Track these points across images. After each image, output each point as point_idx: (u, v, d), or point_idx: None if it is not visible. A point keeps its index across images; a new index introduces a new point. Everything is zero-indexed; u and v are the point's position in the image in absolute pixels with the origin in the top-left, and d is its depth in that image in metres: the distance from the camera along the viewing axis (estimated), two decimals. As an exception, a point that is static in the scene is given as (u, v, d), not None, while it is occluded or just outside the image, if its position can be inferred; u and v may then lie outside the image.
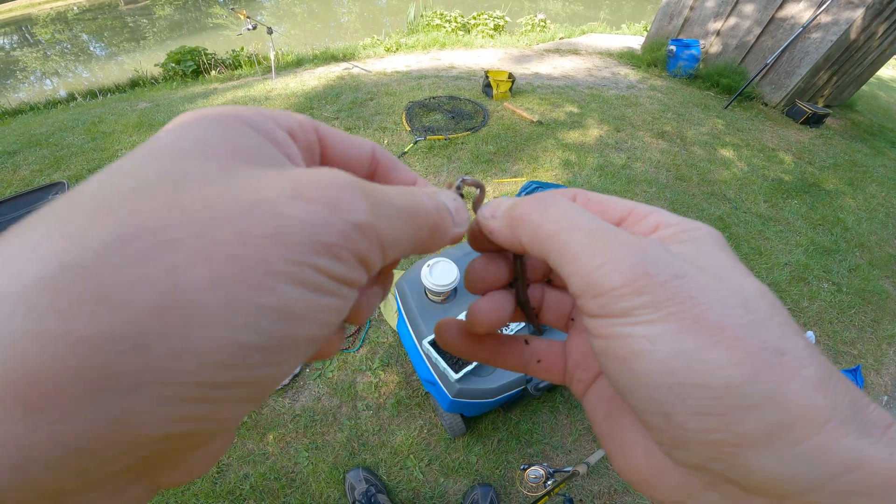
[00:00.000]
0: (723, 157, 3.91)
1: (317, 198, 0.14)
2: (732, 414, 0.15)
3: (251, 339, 0.12)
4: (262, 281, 0.12)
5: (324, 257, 0.14)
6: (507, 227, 0.21)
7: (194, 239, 0.12)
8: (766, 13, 5.00)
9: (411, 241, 0.19)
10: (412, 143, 3.41)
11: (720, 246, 0.19)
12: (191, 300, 0.11)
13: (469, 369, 1.30)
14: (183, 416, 0.11)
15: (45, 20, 13.22)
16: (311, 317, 0.14)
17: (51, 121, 4.01)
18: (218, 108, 0.16)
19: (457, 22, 7.56)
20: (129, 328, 0.10)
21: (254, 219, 0.13)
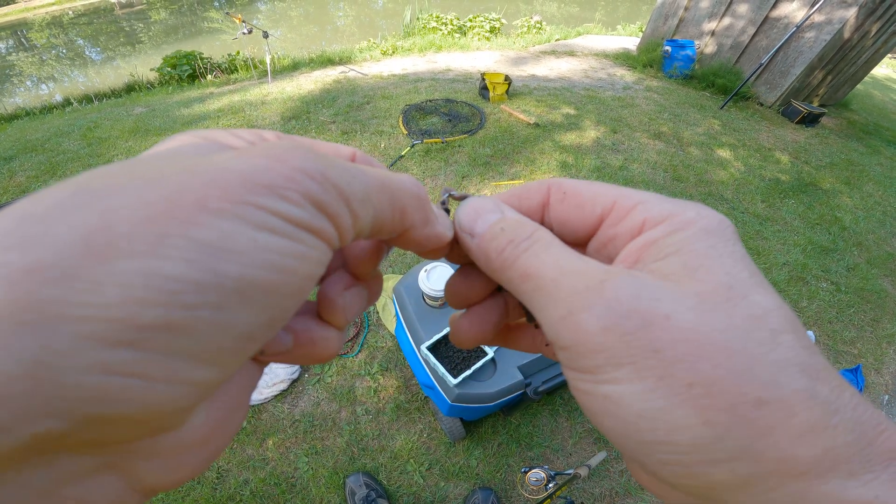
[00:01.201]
0: (719, 158, 3.92)
1: (261, 154, 0.14)
2: (702, 467, 0.15)
3: (180, 271, 0.11)
4: (194, 216, 0.12)
5: (266, 196, 0.13)
6: (483, 260, 0.20)
7: (134, 188, 0.12)
8: (760, 13, 5.02)
9: (390, 205, 0.17)
10: (409, 147, 3.41)
11: (720, 246, 0.17)
12: (120, 232, 0.11)
13: (468, 374, 1.29)
14: (109, 363, 0.10)
15: (40, 24, 13.21)
16: (261, 257, 0.13)
17: (47, 126, 3.99)
18: (191, 131, 0.17)
19: (453, 24, 7.58)
20: (57, 259, 0.10)
21: (193, 171, 0.13)
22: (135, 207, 0.11)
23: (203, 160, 0.14)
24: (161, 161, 0.14)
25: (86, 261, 0.10)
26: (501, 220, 0.20)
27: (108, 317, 0.10)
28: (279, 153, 0.14)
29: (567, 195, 0.21)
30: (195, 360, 0.12)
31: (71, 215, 0.11)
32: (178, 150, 0.16)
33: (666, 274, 0.17)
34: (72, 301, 0.10)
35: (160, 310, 0.11)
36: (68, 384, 0.10)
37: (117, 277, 0.10)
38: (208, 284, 0.12)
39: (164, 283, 0.11)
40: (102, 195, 0.11)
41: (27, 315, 0.10)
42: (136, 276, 0.11)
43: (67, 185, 0.12)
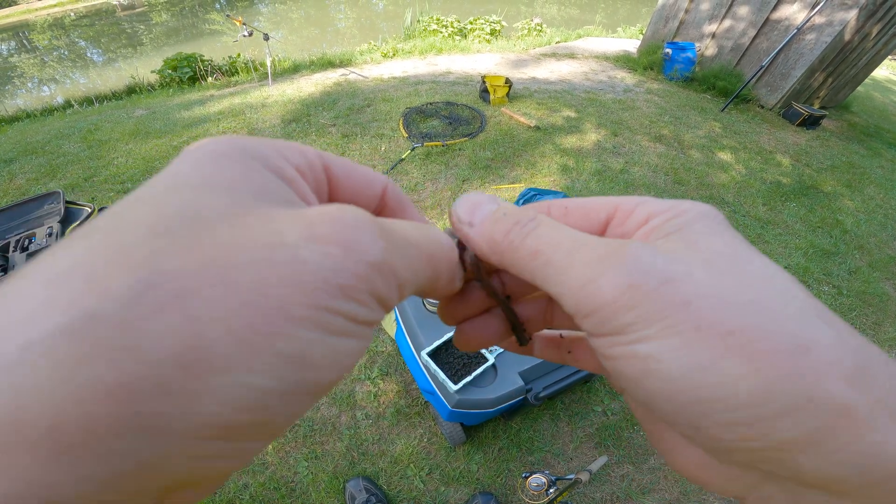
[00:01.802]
0: (720, 161, 3.92)
1: (332, 239, 0.14)
2: (765, 423, 0.14)
3: (269, 385, 0.12)
4: (279, 327, 0.12)
5: (341, 300, 0.14)
6: (487, 244, 0.20)
7: (213, 287, 0.12)
8: (760, 15, 5.02)
9: (429, 278, 0.18)
10: (409, 150, 3.41)
11: (714, 226, 0.18)
12: (210, 347, 0.11)
13: (468, 380, 1.29)
14: (204, 454, 0.12)
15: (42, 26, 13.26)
16: (330, 361, 0.14)
17: (47, 128, 4.00)
18: (229, 139, 0.16)
19: (453, 27, 7.59)
20: (151, 376, 0.10)
21: (271, 265, 0.13)
22: (218, 315, 0.11)
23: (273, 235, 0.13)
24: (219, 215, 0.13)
25: (180, 377, 0.11)
26: (500, 207, 0.21)
27: (205, 423, 0.11)
28: (349, 236, 0.14)
29: (569, 209, 0.22)
30: (266, 440, 0.14)
31: (152, 323, 0.11)
32: (228, 183, 0.15)
33: (671, 248, 0.17)
34: (171, 413, 0.11)
35: (250, 415, 0.12)
36: (168, 472, 0.11)
37: (212, 391, 0.11)
38: (290, 393, 0.13)
39: (255, 394, 0.12)
40: (179, 296, 0.11)
41: (130, 425, 0.10)
42: (231, 389, 0.11)
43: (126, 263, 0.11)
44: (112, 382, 0.10)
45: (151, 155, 3.45)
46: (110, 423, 0.10)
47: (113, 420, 0.10)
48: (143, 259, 0.11)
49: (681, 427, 0.16)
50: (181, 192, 0.14)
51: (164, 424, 0.11)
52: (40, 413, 0.10)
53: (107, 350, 0.10)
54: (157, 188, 0.14)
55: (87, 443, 0.10)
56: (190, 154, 0.16)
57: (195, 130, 3.82)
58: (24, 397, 0.10)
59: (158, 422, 0.11)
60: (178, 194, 0.14)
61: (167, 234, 0.12)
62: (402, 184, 3.14)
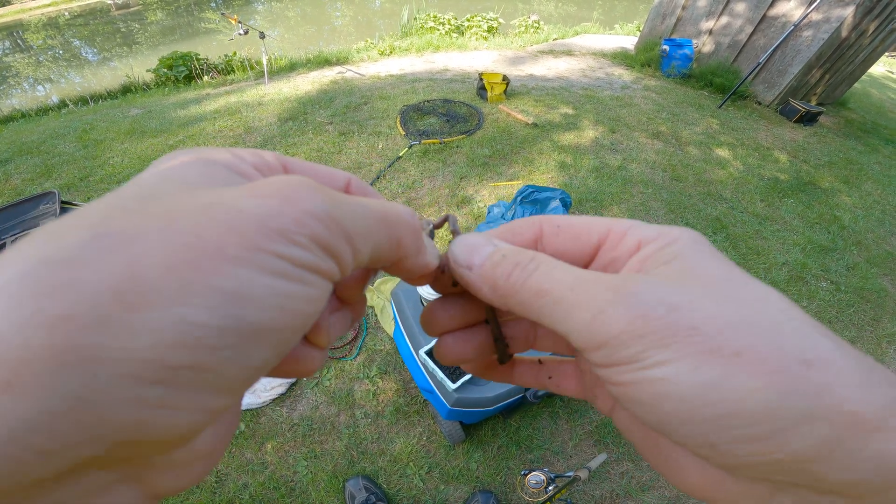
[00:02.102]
0: (718, 157, 3.92)
1: (271, 194, 0.15)
2: (780, 435, 0.14)
3: (204, 319, 0.12)
4: (215, 265, 0.13)
5: (279, 243, 0.14)
6: (489, 288, 0.21)
7: (154, 233, 0.12)
8: (757, 12, 5.02)
9: (389, 242, 0.19)
10: (407, 148, 3.40)
11: (705, 253, 0.19)
12: (147, 282, 0.12)
13: (466, 379, 1.28)
14: (144, 399, 0.12)
15: (36, 26, 13.17)
16: (275, 302, 0.14)
17: (42, 128, 3.98)
18: (191, 150, 0.18)
19: (450, 24, 7.56)
20: (90, 308, 0.11)
21: (210, 215, 0.13)
22: (158, 255, 0.12)
23: (216, 197, 0.14)
24: (171, 193, 0.14)
25: (118, 309, 0.11)
26: (498, 249, 0.21)
27: (142, 359, 0.11)
28: (289, 192, 0.15)
29: (561, 228, 0.23)
30: (215, 391, 0.13)
31: (97, 263, 0.11)
32: (185, 177, 0.16)
33: (669, 277, 0.18)
34: (108, 346, 0.11)
35: (187, 352, 0.12)
36: (107, 417, 0.11)
37: (148, 325, 0.11)
38: (229, 329, 0.13)
39: (191, 329, 0.12)
40: (124, 241, 0.12)
41: (67, 357, 0.11)
42: (166, 323, 0.12)
43: (84, 223, 0.12)
44: (52, 314, 0.11)
45: (147, 154, 3.43)
46: (48, 354, 0.10)
47: (50, 351, 0.10)
48: (97, 220, 0.13)
49: (696, 447, 0.16)
50: (139, 186, 0.15)
51: (100, 357, 0.11)
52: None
53: (52, 286, 0.11)
54: (121, 189, 0.15)
55: (26, 374, 0.10)
56: (154, 164, 0.17)
57: (191, 129, 3.80)
58: None
59: (94, 354, 0.11)
60: (136, 187, 0.15)
61: (121, 207, 0.13)
62: (400, 181, 3.14)
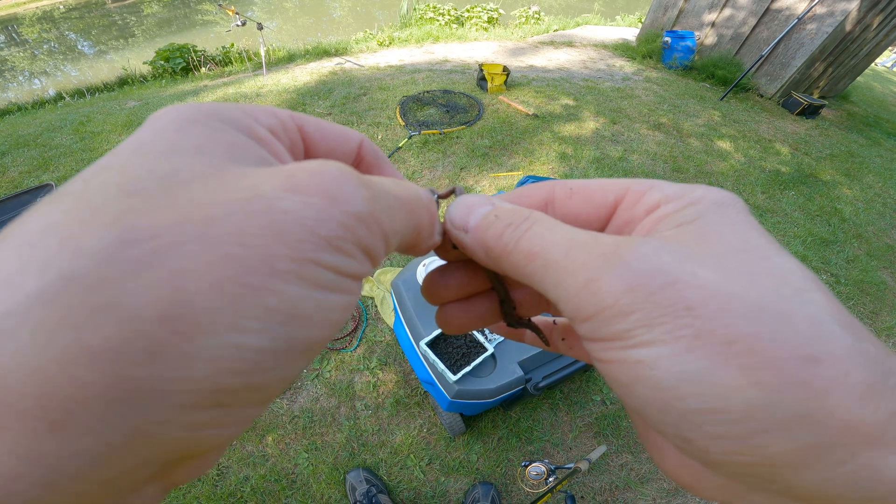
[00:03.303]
0: (719, 149, 3.90)
1: (314, 190, 0.13)
2: (758, 437, 0.13)
3: (261, 344, 0.12)
4: (266, 282, 0.12)
5: (327, 252, 0.13)
6: (482, 250, 0.20)
7: (193, 241, 0.11)
8: (761, 4, 4.98)
9: (412, 230, 0.18)
10: (406, 138, 3.38)
11: (732, 215, 0.17)
12: (197, 307, 0.11)
13: (467, 370, 1.28)
14: (199, 422, 0.11)
15: (31, 19, 13.04)
16: (320, 317, 0.13)
17: (38, 121, 3.95)
18: (198, 104, 0.15)
19: (450, 15, 7.50)
20: (140, 339, 0.10)
21: (251, 215, 0.12)
22: (202, 270, 0.11)
23: (250, 187, 0.13)
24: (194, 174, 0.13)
25: (169, 339, 0.10)
26: (494, 209, 0.20)
27: (199, 389, 0.11)
28: (332, 189, 0.14)
29: (574, 191, 0.21)
30: (260, 404, 0.13)
31: (133, 280, 0.10)
32: (200, 145, 0.14)
33: (680, 241, 0.16)
34: (163, 378, 0.10)
35: (243, 377, 0.12)
36: (163, 442, 0.11)
37: (204, 353, 0.11)
38: (282, 350, 0.12)
39: (247, 354, 0.11)
40: (158, 249, 0.11)
41: (121, 393, 0.10)
42: (222, 350, 0.11)
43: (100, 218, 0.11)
44: (96, 346, 0.10)
45: (145, 146, 3.41)
46: (100, 390, 0.10)
47: (102, 386, 0.10)
48: (116, 216, 0.11)
49: (669, 437, 0.15)
50: (148, 157, 0.13)
51: (156, 390, 0.10)
52: (25, 382, 0.09)
53: (87, 311, 0.10)
54: (122, 155, 0.13)
55: (78, 412, 0.09)
56: (153, 121, 0.15)
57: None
58: (8, 366, 0.09)
59: (149, 387, 0.10)
60: (144, 158, 0.13)
61: (138, 194, 0.12)
62: (400, 172, 3.10)
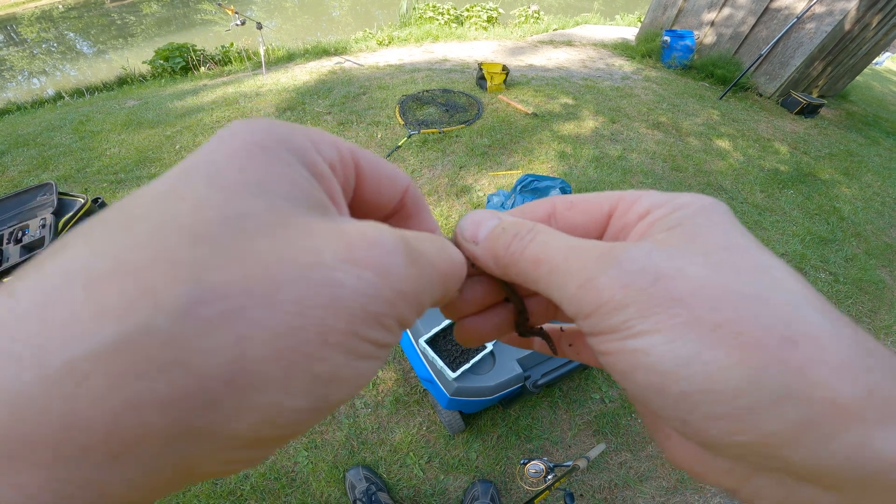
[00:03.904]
0: (718, 148, 3.90)
1: (368, 263, 0.15)
2: (750, 415, 0.14)
3: (303, 404, 0.13)
4: (318, 352, 0.13)
5: (372, 328, 0.14)
6: (492, 260, 0.21)
7: (259, 306, 0.12)
8: (760, 3, 4.98)
9: (441, 295, 0.19)
10: (406, 137, 3.38)
11: (716, 218, 0.18)
12: (255, 369, 0.12)
13: (466, 367, 1.28)
14: (233, 459, 0.13)
15: (30, 19, 13.01)
16: (353, 381, 0.15)
17: (38, 120, 3.94)
18: (270, 126, 0.16)
19: (450, 14, 7.49)
20: (202, 393, 0.11)
21: (311, 286, 0.13)
22: (265, 338, 0.12)
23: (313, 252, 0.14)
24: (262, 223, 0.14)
25: (227, 394, 0.12)
26: (501, 222, 0.22)
27: (242, 435, 0.12)
28: (384, 263, 0.15)
29: (574, 204, 0.23)
30: (283, 444, 0.15)
31: (203, 341, 0.11)
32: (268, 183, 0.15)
33: (669, 241, 0.17)
34: (214, 424, 0.12)
35: (280, 429, 0.13)
36: (198, 474, 0.13)
37: (252, 407, 0.12)
38: (316, 409, 0.14)
39: (289, 413, 0.13)
40: (227, 312, 0.12)
41: (177, 434, 0.11)
42: (269, 407, 0.13)
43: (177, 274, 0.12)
44: (165, 396, 0.11)
45: (144, 145, 3.40)
46: (161, 433, 0.11)
47: (164, 430, 0.11)
48: (190, 269, 0.12)
49: (670, 421, 0.16)
50: (220, 191, 0.14)
51: (206, 435, 0.12)
52: (97, 420, 0.10)
53: (161, 365, 0.11)
54: (194, 180, 0.14)
55: (139, 449, 0.11)
56: (226, 139, 0.15)
57: (188, 120, 3.76)
58: (79, 405, 0.10)
59: (200, 432, 0.12)
60: (216, 193, 0.14)
61: (209, 242, 0.12)
62: (400, 171, 3.12)
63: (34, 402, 0.10)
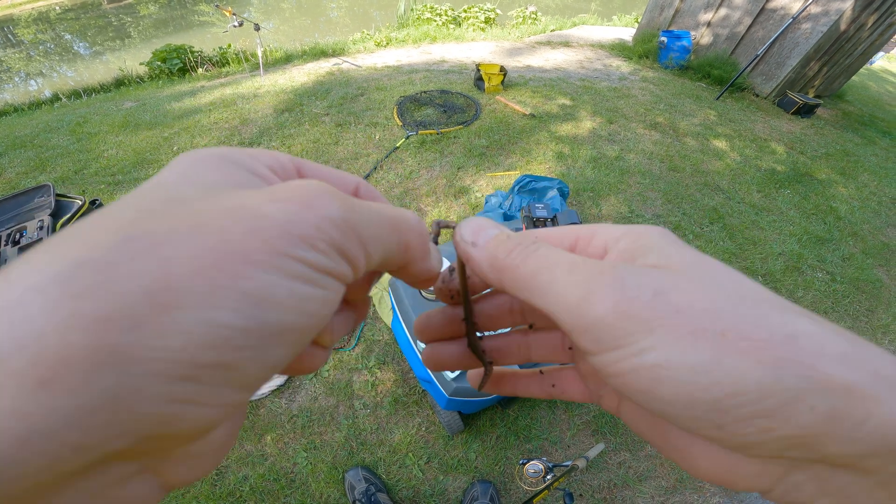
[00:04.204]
0: (715, 148, 3.91)
1: (293, 198, 0.15)
2: (783, 411, 0.14)
3: (231, 320, 0.13)
4: (241, 269, 0.13)
5: (300, 247, 0.15)
6: (488, 262, 0.21)
7: (183, 236, 0.13)
8: (756, 4, 5.00)
9: (397, 243, 0.20)
10: (404, 138, 3.38)
11: (677, 244, 0.19)
12: (178, 285, 0.12)
13: (467, 367, 1.28)
14: (173, 395, 0.12)
15: (26, 20, 12.97)
16: (294, 305, 0.15)
17: (35, 122, 3.93)
18: (208, 150, 0.18)
19: (447, 15, 7.50)
20: (125, 309, 0.12)
21: (235, 220, 0.14)
22: (186, 258, 0.13)
23: (239, 200, 0.15)
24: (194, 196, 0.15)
25: (151, 311, 0.12)
26: (504, 232, 0.22)
27: (173, 358, 0.12)
28: (308, 198, 0.16)
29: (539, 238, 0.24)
30: (236, 387, 0.14)
31: (128, 265, 0.12)
32: (205, 178, 0.17)
33: (651, 265, 0.18)
34: (142, 345, 0.12)
35: (214, 352, 0.13)
36: (138, 412, 0.12)
37: (180, 326, 0.12)
38: (253, 330, 0.14)
39: (218, 330, 0.13)
40: (153, 243, 0.13)
41: (104, 357, 0.11)
42: (196, 324, 0.12)
43: (113, 225, 0.13)
44: (89, 315, 0.11)
45: (142, 147, 3.40)
46: (85, 354, 0.11)
47: (88, 350, 0.11)
48: (125, 222, 0.13)
49: (703, 430, 0.16)
50: (163, 187, 0.16)
51: (134, 356, 0.12)
52: (26, 343, 0.11)
53: (88, 288, 0.12)
54: (144, 188, 0.16)
55: (64, 373, 0.11)
56: (174, 163, 0.18)
57: (186, 121, 3.76)
58: (17, 331, 0.11)
59: (129, 353, 0.11)
60: (160, 188, 0.16)
61: (147, 209, 0.14)
62: (397, 172, 3.12)
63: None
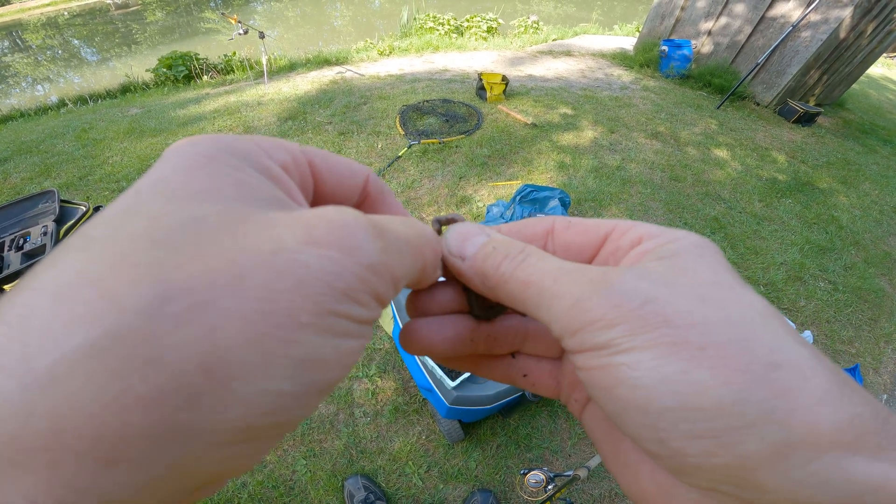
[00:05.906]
0: (717, 157, 3.92)
1: (331, 243, 0.15)
2: (730, 435, 0.14)
3: (286, 388, 0.13)
4: (291, 334, 0.13)
5: (344, 303, 0.15)
6: (479, 279, 0.21)
7: (226, 297, 0.12)
8: (756, 12, 5.03)
9: (419, 270, 0.20)
10: (406, 147, 3.40)
11: (704, 257, 0.19)
12: (231, 358, 0.12)
13: (466, 377, 1.28)
14: (229, 456, 0.13)
15: (35, 25, 13.15)
16: (338, 360, 0.15)
17: (41, 127, 3.97)
18: (211, 139, 0.17)
19: (450, 25, 7.57)
20: (182, 387, 0.11)
21: (276, 271, 0.13)
22: (236, 325, 0.12)
23: (275, 240, 0.14)
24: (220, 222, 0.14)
25: (207, 386, 0.12)
26: (490, 240, 0.22)
27: (232, 428, 0.12)
28: (347, 241, 0.15)
29: (572, 224, 0.24)
30: (281, 436, 0.15)
31: (174, 336, 0.11)
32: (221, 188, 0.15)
33: (660, 270, 0.18)
34: (202, 419, 0.12)
35: (270, 417, 0.13)
36: (199, 473, 0.12)
37: (236, 398, 0.12)
38: (303, 393, 0.14)
39: (274, 398, 0.13)
40: (195, 306, 0.12)
41: (165, 434, 0.11)
42: (253, 395, 0.12)
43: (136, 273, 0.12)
44: (144, 394, 0.11)
45: (146, 153, 3.43)
46: (146, 432, 0.11)
47: (149, 429, 0.11)
48: (150, 270, 0.12)
49: (646, 441, 0.16)
50: (171, 201, 0.14)
51: (194, 430, 0.12)
52: (82, 425, 0.10)
53: (135, 364, 0.11)
54: (145, 196, 0.14)
55: (128, 450, 0.11)
56: (172, 158, 0.16)
57: (191, 129, 3.80)
58: (64, 411, 0.10)
59: (188, 428, 0.12)
60: (168, 203, 0.14)
61: (167, 245, 0.13)
62: (399, 181, 3.14)
63: (20, 408, 0.10)
